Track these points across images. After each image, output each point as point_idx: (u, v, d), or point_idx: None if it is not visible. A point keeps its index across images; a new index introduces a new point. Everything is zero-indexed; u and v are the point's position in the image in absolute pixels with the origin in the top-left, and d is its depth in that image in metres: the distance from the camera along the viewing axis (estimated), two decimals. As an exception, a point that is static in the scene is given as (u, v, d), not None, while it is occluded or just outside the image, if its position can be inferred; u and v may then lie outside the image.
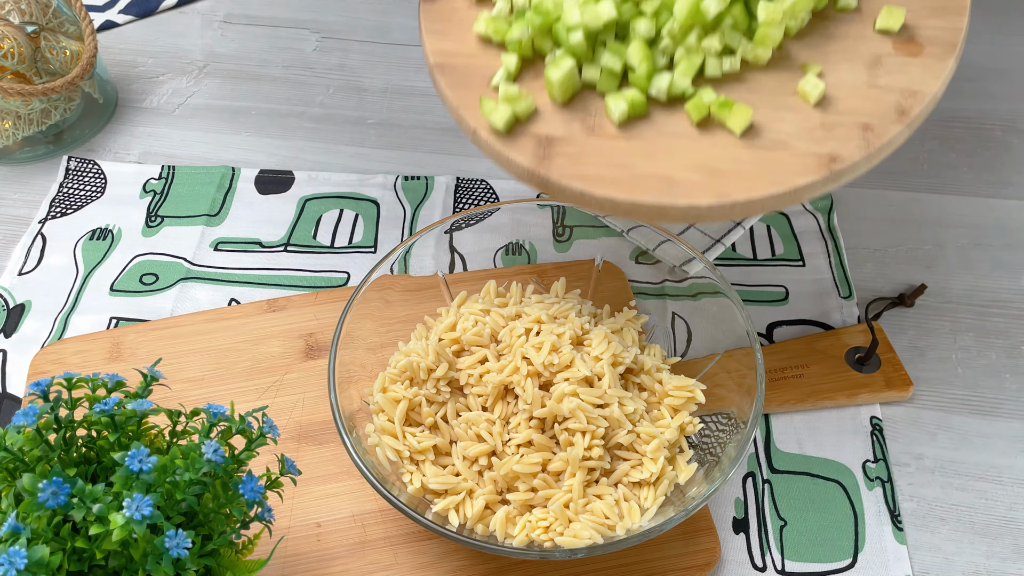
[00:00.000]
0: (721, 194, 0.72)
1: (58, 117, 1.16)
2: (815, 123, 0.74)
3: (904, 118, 0.73)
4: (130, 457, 0.60)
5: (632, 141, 0.76)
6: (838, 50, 0.77)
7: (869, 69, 0.76)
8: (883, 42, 0.77)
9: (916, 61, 0.75)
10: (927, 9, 0.77)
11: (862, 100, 0.74)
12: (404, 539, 0.83)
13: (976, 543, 0.84)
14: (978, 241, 1.06)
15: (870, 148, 0.72)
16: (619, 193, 0.73)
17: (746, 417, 0.78)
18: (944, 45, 0.75)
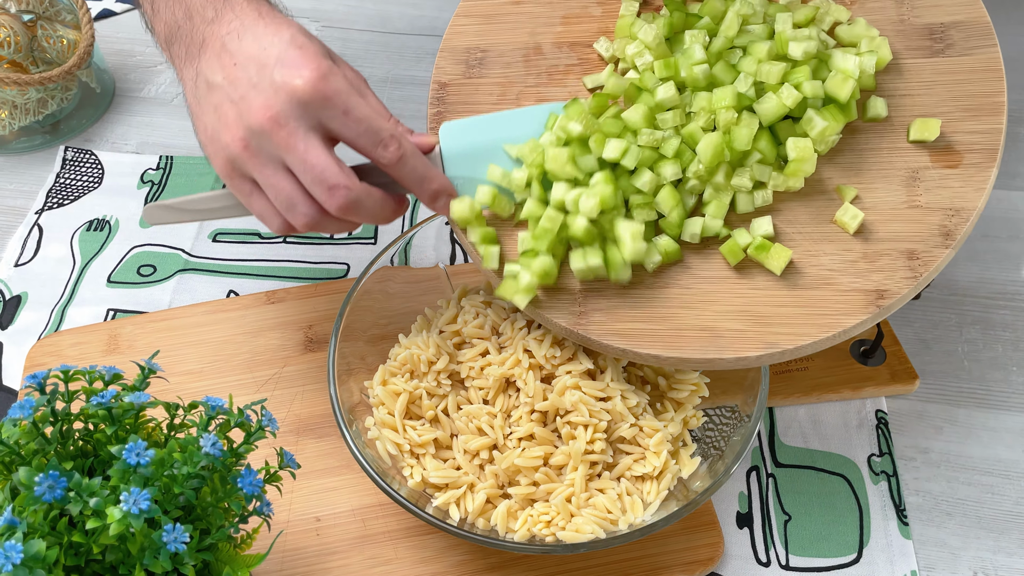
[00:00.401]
0: (769, 344, 0.72)
1: (55, 107, 1.16)
2: (857, 254, 0.73)
3: (949, 240, 0.72)
4: (127, 450, 0.59)
5: (669, 289, 0.75)
6: (873, 167, 0.75)
7: (907, 186, 0.74)
8: (919, 154, 0.75)
9: (956, 173, 0.73)
10: (961, 111, 0.75)
11: (903, 223, 0.73)
12: (404, 533, 0.83)
13: (982, 538, 0.84)
14: (985, 232, 1.05)
15: (918, 278, 0.71)
16: (664, 351, 0.73)
17: (750, 410, 0.78)
18: (984, 152, 0.73)
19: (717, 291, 0.74)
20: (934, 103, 0.76)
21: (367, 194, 0.73)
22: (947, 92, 0.75)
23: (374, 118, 0.73)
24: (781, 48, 0.75)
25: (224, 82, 0.73)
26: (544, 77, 0.83)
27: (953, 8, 0.77)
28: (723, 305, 0.74)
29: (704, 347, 0.73)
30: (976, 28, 0.76)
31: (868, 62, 0.74)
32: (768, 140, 0.74)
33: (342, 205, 0.72)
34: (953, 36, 0.76)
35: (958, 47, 0.76)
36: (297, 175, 0.72)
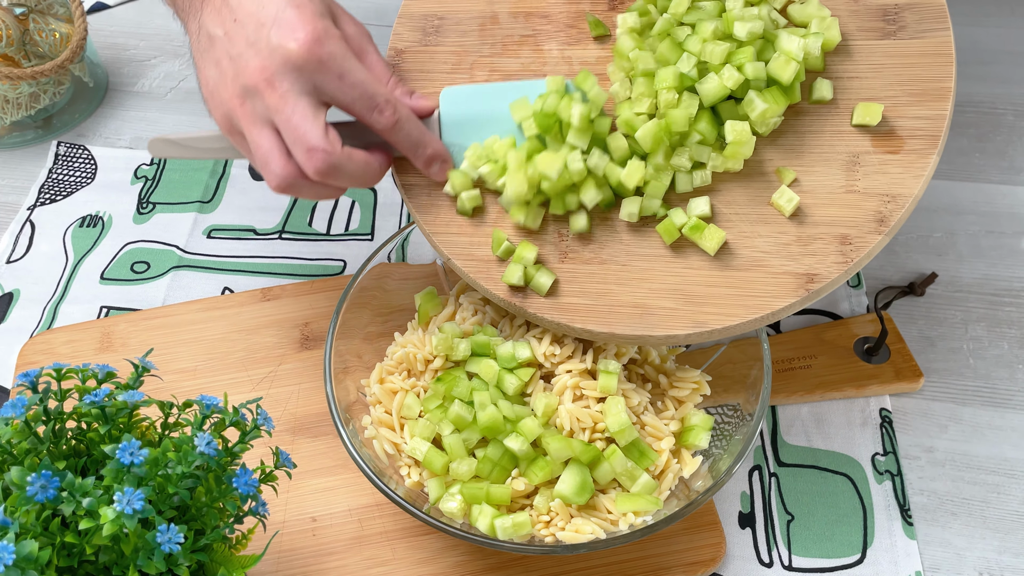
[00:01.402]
0: (697, 323, 0.74)
1: (47, 101, 1.16)
2: (791, 237, 0.74)
3: (883, 227, 0.72)
4: (121, 450, 0.59)
5: (607, 266, 0.77)
6: (814, 150, 0.76)
7: (847, 170, 0.75)
8: (861, 138, 0.75)
9: (896, 159, 0.74)
10: (908, 95, 0.75)
11: (839, 207, 0.74)
12: (402, 534, 0.83)
13: (988, 538, 0.84)
14: (990, 228, 1.05)
15: (849, 263, 0.72)
16: (597, 325, 0.75)
17: (752, 409, 0.78)
18: (926, 138, 0.73)
19: (652, 269, 0.76)
20: (881, 86, 0.76)
21: (347, 158, 0.74)
22: (895, 76, 0.75)
23: (370, 82, 0.74)
24: (727, 27, 0.75)
25: (224, 37, 0.74)
26: (499, 47, 0.84)
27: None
28: (657, 283, 0.75)
29: (635, 324, 0.74)
30: (930, 10, 0.75)
31: (813, 44, 0.74)
32: (708, 121, 0.75)
33: (320, 168, 0.72)
34: (906, 18, 0.76)
35: (910, 29, 0.75)
36: (282, 135, 0.73)
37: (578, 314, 0.76)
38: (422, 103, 0.80)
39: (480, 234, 0.79)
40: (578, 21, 0.83)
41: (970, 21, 1.27)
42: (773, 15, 0.77)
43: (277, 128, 0.73)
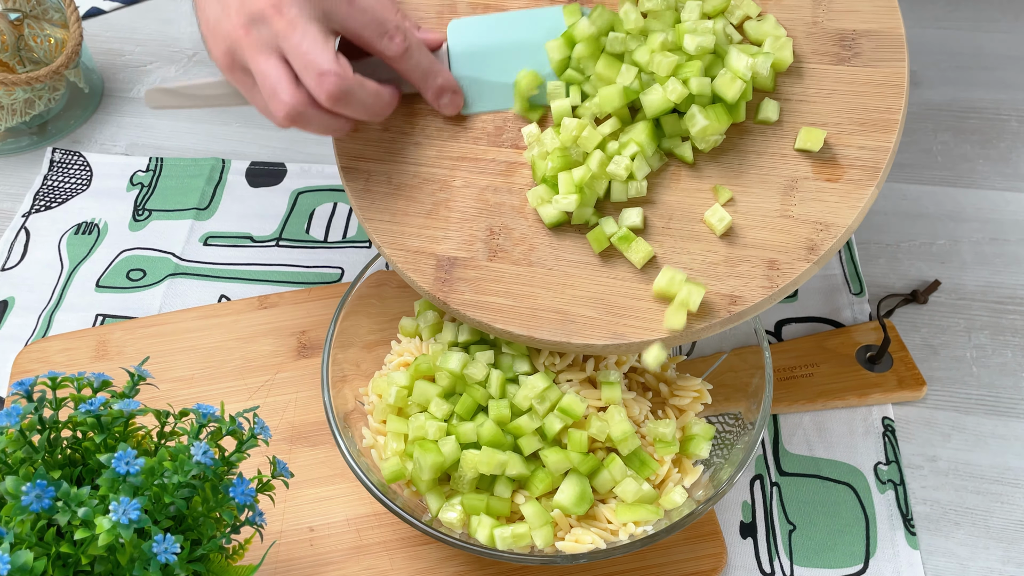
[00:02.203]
0: (616, 335, 0.74)
1: (42, 107, 1.16)
2: (720, 257, 0.74)
3: (813, 255, 0.73)
4: (117, 459, 0.60)
5: (534, 268, 0.77)
6: (754, 171, 0.76)
7: (783, 195, 0.75)
8: (802, 163, 0.75)
9: (834, 188, 0.74)
10: (854, 124, 0.74)
11: (772, 231, 0.74)
12: (400, 544, 0.83)
13: (991, 548, 0.84)
14: (993, 236, 1.05)
15: (773, 289, 0.73)
16: (517, 328, 0.75)
17: (754, 418, 0.78)
18: (867, 169, 0.73)
19: (578, 276, 0.76)
20: (828, 112, 0.75)
21: (359, 85, 0.73)
22: (843, 103, 0.75)
23: (379, 9, 0.74)
24: (678, 39, 0.75)
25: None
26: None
27: (869, 16, 0.76)
28: (581, 291, 0.76)
29: (555, 330, 0.75)
30: (888, 40, 0.75)
31: (762, 64, 0.74)
32: (649, 133, 0.75)
33: (332, 92, 0.72)
34: (863, 45, 0.75)
35: (865, 57, 0.75)
36: (290, 61, 0.73)
37: (500, 314, 0.76)
38: (429, 35, 0.79)
39: (411, 224, 0.79)
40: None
41: (974, 26, 1.28)
42: (728, 30, 0.77)
43: (285, 56, 0.73)
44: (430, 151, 0.81)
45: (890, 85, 0.74)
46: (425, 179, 0.81)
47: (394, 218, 0.80)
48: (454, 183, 0.80)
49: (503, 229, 0.78)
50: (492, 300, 0.77)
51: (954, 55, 1.25)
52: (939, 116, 1.18)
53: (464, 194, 0.80)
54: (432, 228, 0.79)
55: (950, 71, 1.23)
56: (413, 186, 0.81)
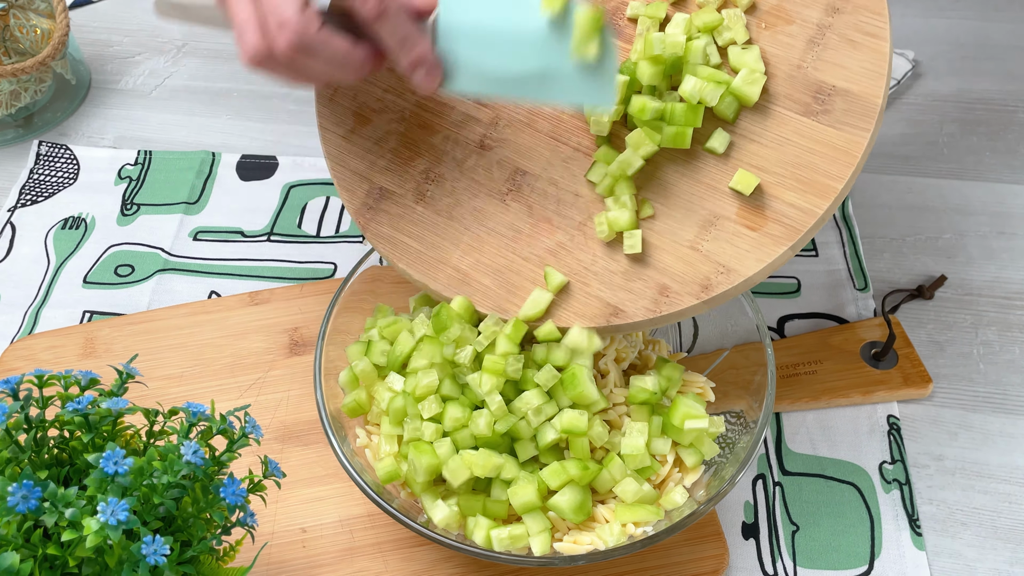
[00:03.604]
0: (501, 309, 0.78)
1: (28, 99, 1.16)
2: (620, 267, 0.77)
3: (705, 294, 0.74)
4: (105, 459, 0.59)
5: (452, 223, 0.81)
6: (683, 196, 0.77)
7: (701, 227, 0.76)
8: (730, 202, 0.75)
9: (751, 236, 0.74)
10: (794, 180, 0.74)
11: (676, 259, 0.76)
12: (394, 545, 0.83)
13: (999, 548, 0.84)
14: (1001, 229, 1.05)
15: (656, 313, 0.75)
16: (416, 273, 0.81)
17: (756, 416, 0.78)
18: (788, 228, 0.73)
19: (490, 244, 0.80)
20: (775, 160, 0.75)
21: (323, 42, 0.71)
22: (794, 155, 0.74)
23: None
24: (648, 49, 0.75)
25: None
26: None
27: (854, 75, 0.74)
28: (487, 258, 0.79)
29: (450, 286, 0.80)
30: (861, 105, 0.74)
31: (710, 94, 0.74)
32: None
33: (290, 43, 0.70)
34: (836, 104, 0.74)
35: (833, 116, 0.74)
36: (256, 6, 0.72)
37: (406, 256, 0.82)
38: (419, 1, 0.76)
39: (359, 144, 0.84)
40: None
41: (980, 16, 1.28)
42: (710, 49, 0.76)
43: None
44: (403, 82, 0.83)
45: (845, 152, 0.73)
46: (387, 106, 0.84)
47: (346, 134, 0.84)
48: (412, 119, 0.83)
49: (438, 177, 0.81)
50: (405, 240, 0.81)
51: (960, 45, 1.25)
52: (945, 107, 1.18)
53: (418, 134, 0.83)
54: (376, 155, 0.83)
55: (956, 61, 1.23)
56: (374, 109, 0.84)
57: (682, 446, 0.79)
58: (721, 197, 0.76)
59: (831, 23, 0.74)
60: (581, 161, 0.80)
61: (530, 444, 0.76)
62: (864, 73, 0.73)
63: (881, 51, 0.73)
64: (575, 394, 0.75)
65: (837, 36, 0.74)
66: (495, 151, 0.82)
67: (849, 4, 0.74)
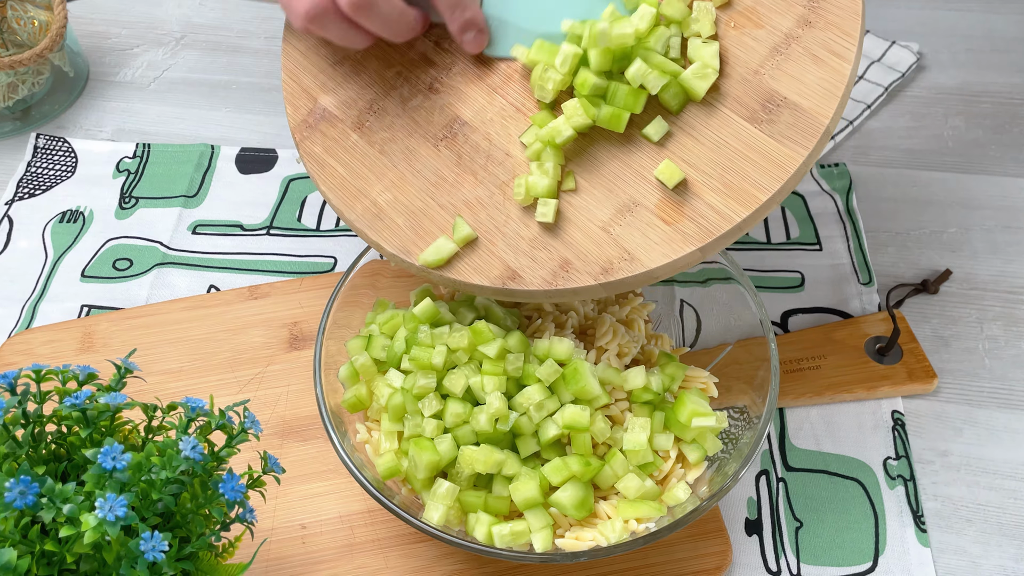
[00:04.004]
0: (405, 251, 0.79)
1: (26, 92, 1.16)
2: (531, 233, 0.77)
3: (604, 276, 0.74)
4: (103, 454, 0.59)
5: (383, 157, 0.82)
6: (608, 175, 0.77)
7: (617, 210, 0.75)
8: (652, 192, 0.75)
9: (663, 229, 0.74)
10: (720, 183, 0.73)
11: (585, 236, 0.75)
12: (395, 541, 0.83)
13: (1004, 545, 0.84)
14: (1006, 223, 1.05)
15: (551, 286, 0.75)
16: (335, 199, 0.83)
17: (759, 411, 0.78)
18: (701, 229, 0.73)
19: (413, 185, 0.81)
20: (708, 159, 0.74)
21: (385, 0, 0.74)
22: (727, 158, 0.74)
23: None
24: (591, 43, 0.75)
25: None
26: None
27: (808, 91, 0.73)
28: (406, 199, 0.81)
29: (363, 219, 0.81)
30: (807, 122, 0.73)
31: (653, 81, 0.74)
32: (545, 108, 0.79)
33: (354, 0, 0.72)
34: (782, 116, 0.73)
35: (776, 128, 0.73)
36: None
37: (330, 180, 0.83)
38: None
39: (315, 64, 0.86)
40: None
41: (986, 8, 1.27)
42: (674, 41, 0.76)
43: None
44: None
45: (779, 165, 0.72)
46: None
47: (305, 53, 0.86)
48: (373, 48, 0.84)
49: (381, 110, 0.82)
50: (333, 164, 0.83)
51: (966, 37, 1.25)
52: (950, 100, 1.18)
53: (374, 64, 0.84)
54: (327, 76, 0.85)
55: (961, 54, 1.23)
56: None
57: (685, 442, 0.79)
58: (645, 185, 0.75)
59: (799, 35, 0.74)
60: (520, 122, 0.80)
61: (532, 440, 0.76)
62: (819, 91, 0.73)
63: (841, 72, 0.72)
64: (577, 388, 0.75)
65: (802, 49, 0.74)
66: (441, 96, 0.82)
67: (822, 20, 0.73)
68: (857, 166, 1.11)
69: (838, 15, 0.73)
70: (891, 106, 1.18)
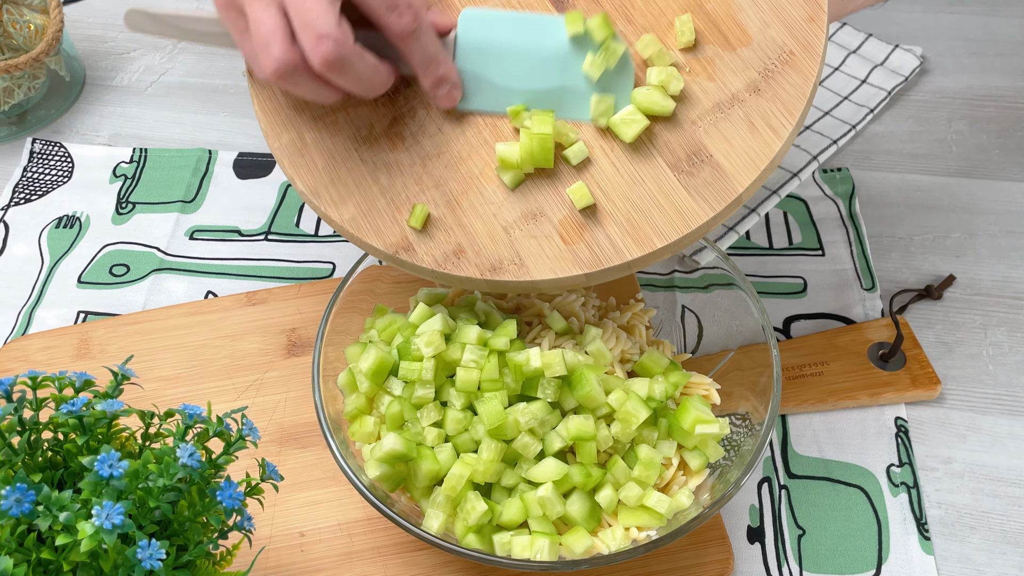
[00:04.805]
0: (315, 192, 0.80)
1: (22, 96, 1.16)
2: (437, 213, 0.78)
3: (490, 274, 0.75)
4: (99, 462, 0.59)
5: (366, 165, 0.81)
6: (529, 180, 0.77)
7: (524, 216, 0.77)
8: (560, 208, 0.76)
9: (558, 246, 0.75)
10: (625, 219, 0.74)
11: (486, 231, 0.77)
12: (394, 549, 0.83)
13: (1008, 553, 0.84)
14: (1010, 229, 1.05)
15: (439, 268, 0.77)
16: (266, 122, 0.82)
17: (761, 418, 0.78)
18: (593, 257, 0.74)
19: (344, 132, 0.81)
20: (621, 192, 0.75)
21: (358, 56, 0.72)
22: (640, 198, 0.74)
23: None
24: None
25: None
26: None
27: (734, 156, 0.74)
28: (331, 142, 0.81)
29: (286, 148, 0.81)
30: (724, 185, 0.73)
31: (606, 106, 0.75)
32: None
33: (327, 58, 0.70)
34: (703, 172, 0.74)
35: (693, 181, 0.74)
36: (290, 16, 0.70)
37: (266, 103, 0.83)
38: (439, 19, 0.78)
39: None
40: None
41: (990, 11, 1.28)
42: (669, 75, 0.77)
43: (285, 10, 0.71)
44: None
45: (683, 219, 0.73)
46: None
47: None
48: None
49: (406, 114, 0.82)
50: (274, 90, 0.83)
51: (969, 41, 1.25)
52: (954, 104, 1.18)
53: None
54: None
55: (965, 57, 1.23)
56: None
57: (687, 449, 0.79)
58: (556, 198, 0.76)
59: (745, 99, 0.74)
60: None
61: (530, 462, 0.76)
62: (744, 158, 0.73)
63: (771, 146, 0.73)
64: (582, 394, 0.75)
65: (743, 113, 0.74)
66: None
67: (770, 91, 0.74)
68: (860, 171, 1.11)
69: (787, 91, 0.74)
70: (894, 110, 1.18)
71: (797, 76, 0.74)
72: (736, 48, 0.75)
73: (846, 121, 1.14)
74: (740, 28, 0.76)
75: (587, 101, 0.76)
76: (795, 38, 0.74)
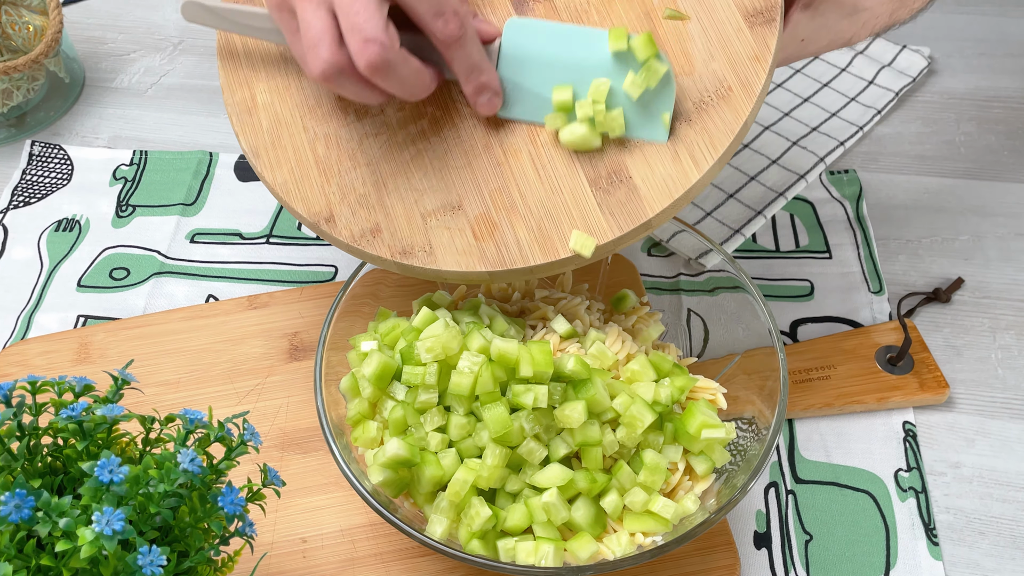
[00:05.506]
0: (255, 152, 0.82)
1: (21, 98, 1.16)
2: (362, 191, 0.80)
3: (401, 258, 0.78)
4: (99, 467, 0.59)
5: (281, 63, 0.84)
6: (455, 171, 0.79)
7: (443, 207, 0.78)
8: (479, 203, 0.78)
9: (468, 240, 0.77)
10: (536, 224, 0.76)
11: (405, 215, 0.79)
12: (397, 555, 0.83)
13: (1018, 559, 0.84)
14: (1020, 231, 1.05)
15: (353, 244, 0.79)
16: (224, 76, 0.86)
17: (768, 422, 0.78)
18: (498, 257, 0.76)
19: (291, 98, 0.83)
20: (538, 198, 0.76)
21: (403, 60, 0.73)
22: (555, 207, 0.76)
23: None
24: None
25: None
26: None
27: (651, 182, 0.74)
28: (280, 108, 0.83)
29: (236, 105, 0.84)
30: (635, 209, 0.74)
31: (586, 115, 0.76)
32: None
33: (373, 62, 0.71)
34: (619, 192, 0.75)
35: (608, 199, 0.75)
36: (339, 19, 0.71)
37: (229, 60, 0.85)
38: (484, 27, 0.79)
39: None
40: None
41: (999, 12, 1.28)
42: None
43: (335, 12, 0.72)
44: None
45: (589, 235, 0.75)
46: None
47: None
48: None
49: None
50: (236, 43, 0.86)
51: (978, 41, 1.25)
52: (962, 105, 1.18)
53: None
54: None
55: (973, 58, 1.23)
56: None
57: (692, 453, 0.79)
58: (477, 193, 0.78)
59: (675, 128, 0.75)
60: None
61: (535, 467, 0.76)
62: (660, 185, 0.74)
63: (688, 177, 0.74)
64: (589, 397, 0.75)
65: (670, 141, 0.75)
66: None
67: (700, 124, 0.74)
68: (867, 172, 1.11)
69: (716, 127, 0.74)
70: (902, 111, 1.18)
71: (729, 112, 0.74)
72: (678, 76, 0.76)
73: (853, 123, 1.14)
74: (686, 57, 0.76)
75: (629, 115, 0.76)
76: (736, 74, 0.75)
